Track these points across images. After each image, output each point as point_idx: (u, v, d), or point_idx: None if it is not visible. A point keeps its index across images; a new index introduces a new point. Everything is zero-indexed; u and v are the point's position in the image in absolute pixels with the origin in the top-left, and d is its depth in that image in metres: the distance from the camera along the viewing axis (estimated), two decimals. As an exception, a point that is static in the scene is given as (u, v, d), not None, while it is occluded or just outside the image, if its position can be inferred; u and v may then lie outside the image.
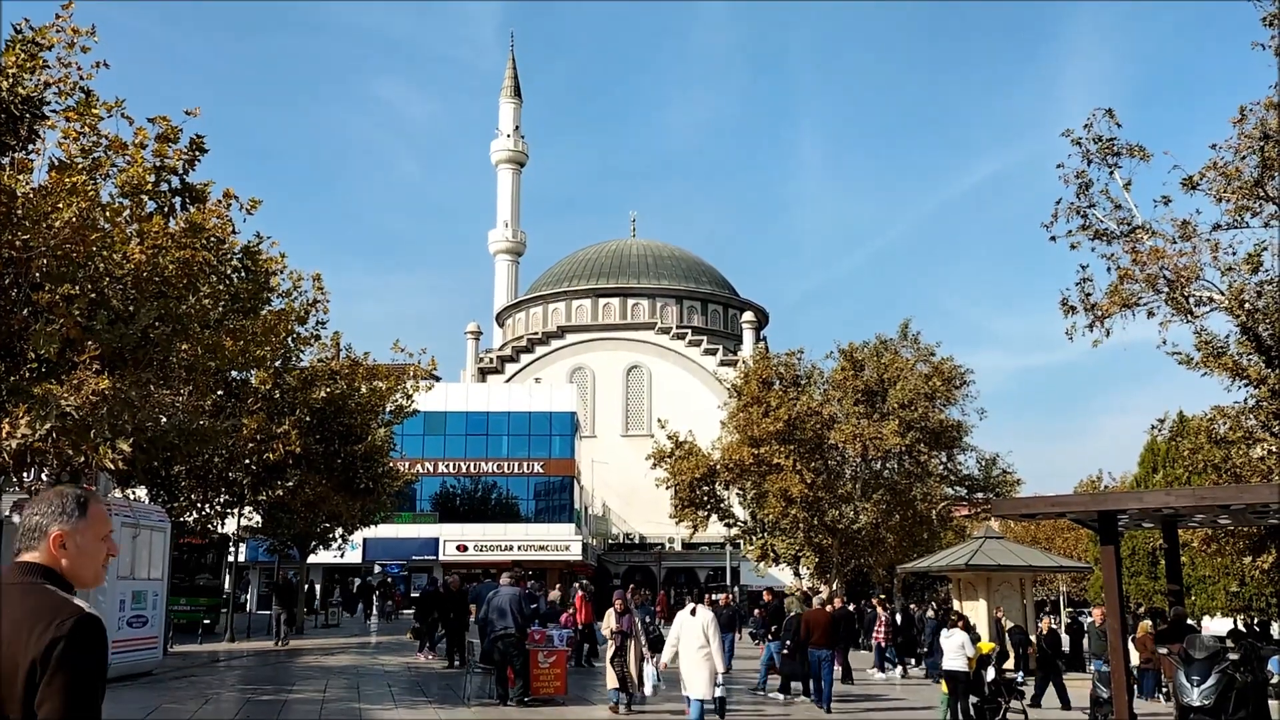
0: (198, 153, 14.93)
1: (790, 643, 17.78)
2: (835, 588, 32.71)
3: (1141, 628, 22.36)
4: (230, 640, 27.29)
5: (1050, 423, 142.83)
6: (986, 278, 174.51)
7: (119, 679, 16.04)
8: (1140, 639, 20.76)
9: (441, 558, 48.43)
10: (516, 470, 51.87)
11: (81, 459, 13.06)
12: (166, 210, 14.81)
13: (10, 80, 13.06)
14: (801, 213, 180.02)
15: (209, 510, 26.15)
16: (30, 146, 13.80)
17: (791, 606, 20.18)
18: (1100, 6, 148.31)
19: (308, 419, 25.99)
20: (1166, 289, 17.68)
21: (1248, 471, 19.27)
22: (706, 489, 36.60)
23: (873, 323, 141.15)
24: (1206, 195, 17.59)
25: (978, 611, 23.77)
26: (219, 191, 16.09)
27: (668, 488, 37.53)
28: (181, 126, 14.73)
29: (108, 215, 13.84)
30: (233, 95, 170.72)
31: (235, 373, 22.28)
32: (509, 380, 64.70)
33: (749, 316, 68.03)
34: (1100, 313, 18.25)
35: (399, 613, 41.34)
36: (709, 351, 64.96)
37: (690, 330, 66.90)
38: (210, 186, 15.61)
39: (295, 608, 28.93)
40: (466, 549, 49.12)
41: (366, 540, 45.90)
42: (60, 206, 12.55)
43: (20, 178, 13.01)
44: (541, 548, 49.02)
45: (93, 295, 13.21)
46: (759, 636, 27.03)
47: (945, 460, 37.42)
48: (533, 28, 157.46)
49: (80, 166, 13.53)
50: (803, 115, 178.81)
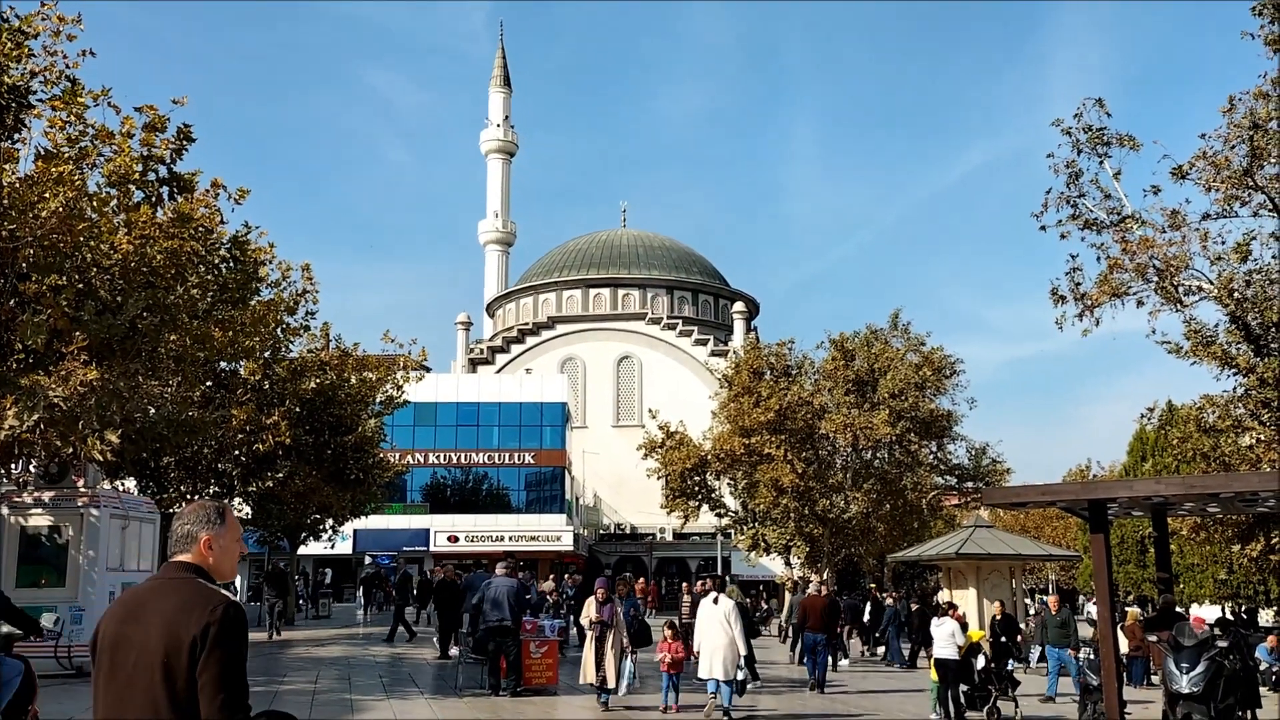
0: (185, 142, 14.85)
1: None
2: (825, 577, 32.78)
3: (1130, 615, 22.47)
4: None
5: (1040, 412, 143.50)
6: (977, 267, 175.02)
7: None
8: (1129, 626, 20.88)
9: (432, 548, 48.34)
10: (507, 461, 51.81)
11: (69, 450, 13.01)
12: (154, 200, 14.72)
13: (-5, 69, 12.96)
14: (792, 203, 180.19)
15: (198, 501, 26.04)
16: (16, 136, 13.70)
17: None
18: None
19: (297, 410, 25.88)
20: (1156, 278, 17.72)
21: (1236, 460, 19.37)
22: (697, 479, 36.59)
23: (863, 312, 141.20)
24: (1196, 185, 17.63)
25: (967, 600, 23.86)
26: (207, 181, 16.03)
27: (659, 478, 37.51)
28: (169, 116, 14.65)
29: (95, 205, 13.74)
30: (221, 85, 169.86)
31: (224, 363, 22.20)
32: (499, 371, 64.64)
33: (740, 307, 67.93)
34: (1090, 302, 18.28)
35: (390, 603, 41.15)
36: (700, 342, 64.95)
37: (681, 320, 66.85)
38: (198, 176, 15.53)
39: (288, 596, 28.84)
40: (457, 540, 49.05)
41: (357, 531, 45.79)
42: (47, 196, 12.47)
43: (6, 167, 12.91)
44: (533, 538, 48.98)
45: (80, 286, 13.13)
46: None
47: (935, 450, 37.52)
48: (523, 17, 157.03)
49: (67, 156, 13.43)
50: (794, 105, 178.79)
